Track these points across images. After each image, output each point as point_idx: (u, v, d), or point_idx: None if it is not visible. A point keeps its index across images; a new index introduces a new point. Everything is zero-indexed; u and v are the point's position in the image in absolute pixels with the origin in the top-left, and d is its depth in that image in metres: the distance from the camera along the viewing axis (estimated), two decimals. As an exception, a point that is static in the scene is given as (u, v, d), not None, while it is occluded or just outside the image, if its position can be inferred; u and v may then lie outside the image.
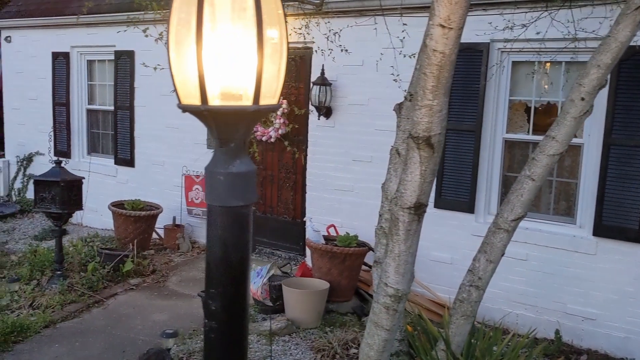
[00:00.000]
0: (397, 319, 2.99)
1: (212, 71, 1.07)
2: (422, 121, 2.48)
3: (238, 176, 1.15)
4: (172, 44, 1.09)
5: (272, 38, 1.08)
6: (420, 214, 2.70)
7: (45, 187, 6.09)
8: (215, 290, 1.19)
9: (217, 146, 1.17)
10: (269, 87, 1.11)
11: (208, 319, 1.21)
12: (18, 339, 5.08)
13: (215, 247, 1.20)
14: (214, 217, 1.19)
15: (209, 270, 1.22)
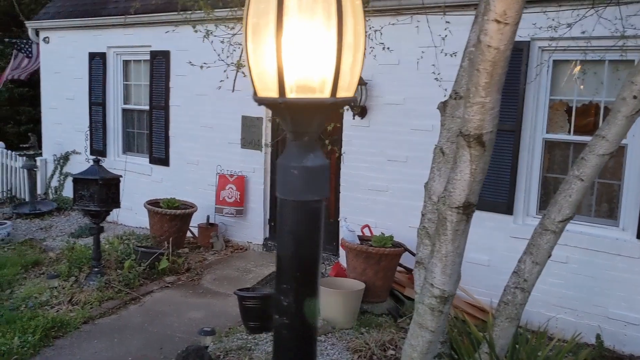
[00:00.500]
0: (443, 320, 2.94)
1: (290, 63, 1.05)
2: (473, 119, 2.43)
3: (312, 170, 1.13)
4: (249, 35, 1.07)
5: (352, 29, 1.05)
6: (469, 214, 2.66)
7: (84, 185, 6.18)
8: (287, 286, 1.18)
9: (290, 139, 1.15)
10: (347, 79, 1.09)
11: (279, 315, 1.20)
12: (58, 334, 5.17)
13: (287, 242, 1.18)
14: (286, 211, 1.17)
15: (280, 265, 1.20)
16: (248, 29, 1.05)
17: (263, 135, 7.69)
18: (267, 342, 4.99)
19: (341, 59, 1.05)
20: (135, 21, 8.74)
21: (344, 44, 1.04)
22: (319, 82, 1.07)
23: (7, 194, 10.61)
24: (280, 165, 1.15)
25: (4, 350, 4.65)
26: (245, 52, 1.07)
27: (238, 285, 6.59)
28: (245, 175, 7.88)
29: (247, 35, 1.07)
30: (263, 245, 7.91)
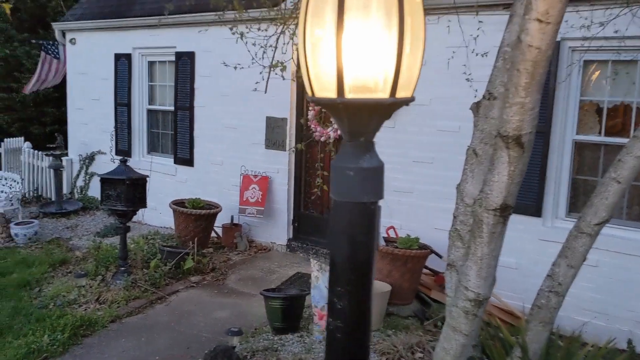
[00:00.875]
0: (477, 324, 2.91)
1: (350, 62, 1.03)
2: (512, 119, 2.39)
3: (369, 171, 1.11)
4: (307, 34, 1.06)
5: (412, 27, 1.04)
6: (505, 216, 2.62)
7: (111, 185, 6.23)
8: (341, 289, 1.16)
9: (346, 140, 1.13)
10: (407, 78, 1.07)
11: (333, 318, 1.18)
12: (87, 332, 5.21)
13: (341, 244, 1.16)
14: (341, 213, 1.15)
15: (334, 268, 1.18)
16: (306, 29, 1.04)
17: (287, 136, 7.69)
18: (293, 343, 4.98)
19: (401, 58, 1.03)
20: (160, 22, 8.80)
21: (405, 42, 1.03)
22: (378, 81, 1.06)
23: (33, 194, 10.77)
24: (335, 166, 1.14)
25: (34, 347, 4.70)
26: (302, 52, 1.05)
27: (262, 286, 6.59)
28: (269, 176, 7.88)
29: (304, 35, 1.05)
30: (287, 246, 7.91)
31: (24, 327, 5.22)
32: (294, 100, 7.64)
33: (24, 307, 5.70)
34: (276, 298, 5.22)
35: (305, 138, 7.64)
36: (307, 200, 7.82)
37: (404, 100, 1.09)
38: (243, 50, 7.90)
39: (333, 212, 1.18)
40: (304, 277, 6.84)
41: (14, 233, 8.32)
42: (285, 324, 5.17)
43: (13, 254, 7.70)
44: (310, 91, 1.11)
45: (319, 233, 7.68)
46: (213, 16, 8.02)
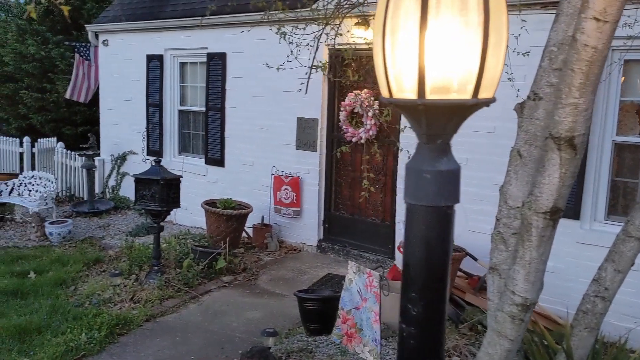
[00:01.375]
0: (523, 329, 2.85)
1: (433, 62, 1.01)
2: (565, 120, 2.33)
3: (446, 174, 1.08)
4: (387, 34, 1.03)
5: (496, 26, 1.00)
6: (556, 219, 2.55)
7: (146, 185, 6.29)
8: (416, 294, 1.13)
9: (422, 142, 1.11)
10: (489, 79, 1.04)
11: (406, 324, 1.15)
12: (122, 331, 5.26)
13: (416, 249, 1.14)
14: (416, 216, 1.13)
15: (409, 273, 1.16)
16: (386, 28, 1.01)
17: (318, 137, 7.68)
18: (327, 345, 4.96)
19: (485, 57, 1.00)
20: (192, 24, 8.87)
21: (490, 42, 0.99)
22: (461, 82, 1.03)
23: (66, 193, 10.94)
24: (411, 169, 1.11)
25: (72, 346, 4.76)
26: (380, 52, 1.03)
27: (294, 286, 6.59)
28: (300, 177, 7.88)
29: (383, 34, 1.03)
30: (317, 247, 7.90)
31: (62, 325, 5.29)
32: (326, 101, 7.62)
33: (61, 305, 5.78)
34: (311, 299, 5.21)
35: (336, 139, 7.62)
36: (338, 201, 7.80)
37: (485, 101, 1.06)
38: (275, 51, 7.91)
39: (408, 215, 1.16)
40: (335, 279, 6.82)
41: (48, 232, 8.46)
42: (320, 326, 5.15)
43: (48, 252, 7.83)
44: (387, 92, 1.09)
45: (349, 234, 7.65)
46: (247, 17, 8.08)
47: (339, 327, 4.50)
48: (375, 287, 4.04)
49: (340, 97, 7.52)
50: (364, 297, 4.37)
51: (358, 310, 4.36)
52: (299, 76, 7.68)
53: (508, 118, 6.08)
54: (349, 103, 7.21)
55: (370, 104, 7.01)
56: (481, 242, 6.24)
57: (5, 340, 5.00)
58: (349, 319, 4.48)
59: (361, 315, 4.37)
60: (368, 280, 4.10)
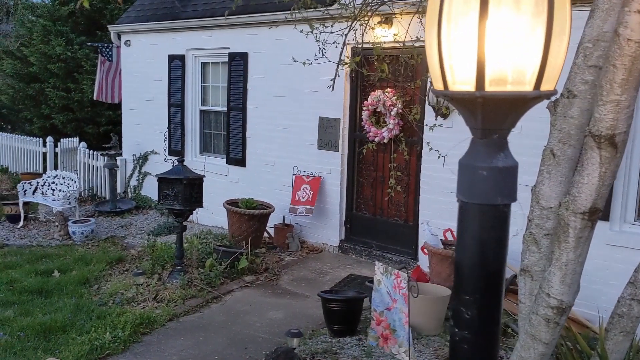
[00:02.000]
0: (558, 332, 2.77)
1: (493, 52, 0.96)
2: (605, 118, 2.26)
3: (504, 171, 1.03)
4: (444, 23, 0.98)
5: (561, 15, 0.95)
6: (594, 220, 2.48)
7: (169, 184, 6.29)
8: (469, 297, 1.08)
9: (477, 137, 1.06)
10: (552, 70, 0.99)
11: (459, 328, 1.10)
12: (146, 330, 5.26)
13: (470, 250, 1.09)
14: (470, 215, 1.08)
15: (461, 275, 1.11)
16: (442, 16, 0.97)
17: (340, 137, 7.63)
18: (352, 347, 4.91)
19: (549, 47, 0.95)
20: (213, 24, 8.89)
21: (554, 31, 0.94)
22: (522, 73, 0.97)
23: (88, 192, 11.03)
24: (464, 165, 1.06)
25: (97, 345, 4.77)
26: (436, 43, 0.98)
27: (315, 287, 6.55)
28: (322, 177, 7.84)
29: (440, 24, 0.98)
30: (338, 247, 7.85)
31: (86, 323, 5.31)
32: (347, 100, 7.57)
33: (85, 304, 5.81)
34: (335, 300, 5.16)
35: (359, 139, 7.57)
36: (360, 201, 7.74)
37: (547, 94, 1.01)
38: (297, 50, 7.89)
39: (461, 214, 1.11)
40: (357, 279, 6.77)
41: (71, 231, 8.53)
42: (344, 327, 5.11)
43: (71, 251, 7.89)
44: (441, 85, 1.04)
45: (371, 234, 7.58)
46: (268, 16, 8.07)
47: (374, 329, 4.45)
48: (403, 289, 3.98)
49: (362, 96, 7.46)
50: (393, 298, 4.33)
51: (389, 311, 4.31)
52: (320, 76, 7.66)
53: (534, 117, 5.96)
54: (372, 102, 7.15)
55: (394, 103, 6.94)
56: (506, 244, 6.15)
57: (31, 338, 5.04)
58: (382, 320, 4.43)
59: (393, 316, 4.32)
60: (396, 282, 4.05)
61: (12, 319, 5.39)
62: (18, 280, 6.51)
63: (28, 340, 4.99)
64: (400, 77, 7.04)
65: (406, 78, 6.98)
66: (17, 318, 5.44)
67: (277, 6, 7.96)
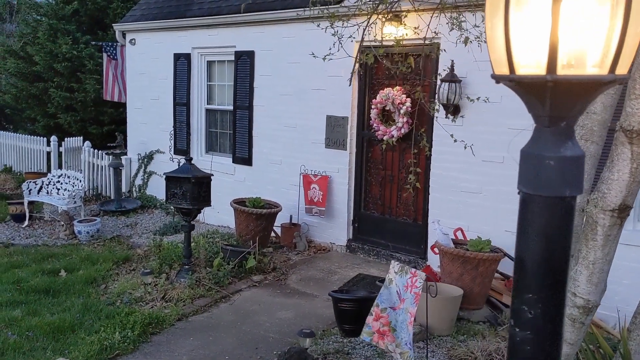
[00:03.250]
0: (583, 333, 2.71)
1: (567, 33, 0.90)
2: (638, 112, 2.21)
3: (572, 161, 0.97)
4: (512, 2, 0.93)
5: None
6: (623, 217, 2.43)
7: (177, 183, 6.24)
8: (532, 296, 1.02)
9: (543, 125, 1.00)
10: (629, 53, 0.93)
11: (520, 328, 1.04)
12: (155, 330, 5.21)
13: (535, 245, 1.03)
14: (535, 208, 1.02)
15: (524, 271, 1.05)
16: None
17: (348, 135, 7.58)
18: (364, 347, 4.86)
19: (627, 29, 0.89)
20: (219, 22, 8.84)
21: (632, 9, 0.88)
22: (598, 56, 0.92)
23: (93, 192, 10.97)
24: (528, 155, 1.00)
25: (106, 344, 4.72)
26: (502, 24, 0.92)
27: (324, 286, 6.50)
28: (329, 176, 7.78)
29: (507, 3, 0.92)
30: (346, 247, 7.79)
31: (95, 323, 5.26)
32: (356, 99, 7.52)
33: (93, 303, 5.76)
34: (346, 300, 5.11)
35: (367, 137, 7.51)
36: (368, 200, 7.68)
37: (622, 78, 0.95)
38: (305, 48, 7.84)
39: (522, 206, 1.05)
40: (366, 279, 6.71)
41: (77, 230, 8.48)
42: (355, 327, 5.03)
43: (77, 250, 7.84)
44: (507, 69, 0.98)
45: (379, 234, 7.53)
46: (275, 14, 8.02)
47: (370, 325, 4.39)
48: (417, 288, 3.92)
49: (371, 94, 7.40)
50: (402, 297, 4.26)
51: (394, 310, 4.24)
52: (328, 74, 7.62)
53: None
54: (381, 100, 7.09)
55: (402, 101, 6.88)
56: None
57: (40, 338, 4.98)
58: (382, 317, 4.37)
59: (397, 317, 4.26)
60: (410, 281, 3.99)
61: (20, 319, 5.34)
62: (25, 280, 6.46)
63: (37, 340, 4.94)
64: (409, 76, 6.98)
65: (415, 76, 6.92)
66: (25, 318, 5.39)
67: (284, 4, 7.92)
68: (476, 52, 5.92)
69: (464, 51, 5.88)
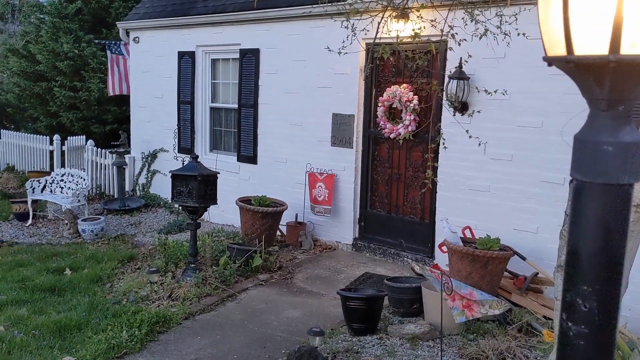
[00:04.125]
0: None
1: (632, 10, 0.85)
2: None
3: (631, 147, 0.93)
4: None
5: None
6: (647, 213, 2.38)
7: (183, 181, 6.20)
8: (588, 288, 0.98)
9: (600, 109, 0.95)
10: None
11: (574, 323, 1.00)
12: (162, 329, 5.16)
13: (590, 235, 0.98)
14: (590, 196, 0.97)
15: (578, 262, 1.00)
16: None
17: (354, 133, 7.53)
18: (373, 345, 4.81)
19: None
20: (224, 20, 8.79)
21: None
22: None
23: (96, 191, 10.94)
24: (583, 141, 0.96)
25: (114, 343, 4.67)
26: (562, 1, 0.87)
27: (330, 285, 6.46)
28: (335, 174, 7.73)
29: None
30: (352, 245, 7.74)
31: (101, 322, 5.22)
32: (362, 97, 7.47)
33: (99, 302, 5.72)
34: (355, 298, 5.06)
35: (373, 135, 7.47)
36: (374, 198, 7.64)
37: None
38: (310, 46, 7.80)
39: (576, 195, 1.00)
40: (373, 277, 6.67)
41: (81, 229, 8.45)
42: (364, 325, 5.01)
43: (82, 249, 7.81)
44: (564, 49, 0.93)
45: (385, 232, 7.48)
46: (279, 12, 7.98)
47: (455, 308, 4.53)
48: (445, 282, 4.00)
49: (377, 92, 7.36)
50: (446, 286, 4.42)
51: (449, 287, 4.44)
52: (334, 72, 7.58)
53: (556, 113, 5.89)
54: (387, 98, 7.05)
55: (410, 99, 6.84)
56: (527, 241, 6.05)
57: (46, 337, 4.94)
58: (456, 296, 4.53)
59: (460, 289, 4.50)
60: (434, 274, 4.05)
61: (26, 318, 5.30)
62: (30, 279, 6.42)
63: (43, 339, 4.90)
64: (415, 73, 6.94)
65: (422, 73, 6.87)
66: (31, 316, 5.35)
67: (290, 1, 7.87)
68: (484, 49, 5.86)
69: (472, 49, 5.84)
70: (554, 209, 5.79)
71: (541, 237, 5.96)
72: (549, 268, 5.58)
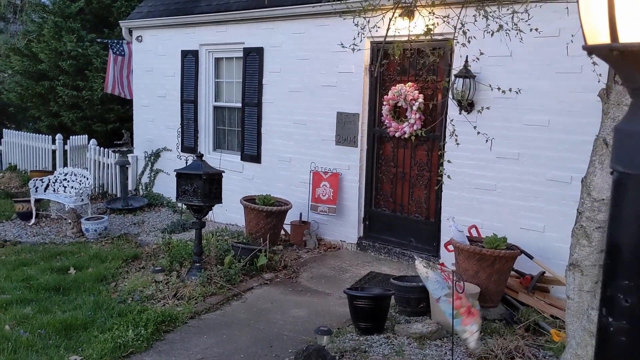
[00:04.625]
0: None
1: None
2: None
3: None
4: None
5: None
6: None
7: (188, 180, 6.17)
8: (630, 282, 0.95)
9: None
10: None
11: (614, 318, 0.97)
12: (168, 328, 5.14)
13: (632, 228, 0.96)
14: (634, 189, 0.94)
15: (618, 256, 0.98)
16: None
17: (359, 132, 7.50)
18: (381, 345, 4.79)
19: None
20: (227, 18, 8.77)
21: None
22: None
23: (99, 190, 10.91)
24: (627, 132, 0.93)
25: (120, 342, 4.65)
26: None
27: (335, 284, 6.43)
28: (340, 173, 7.71)
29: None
30: (357, 245, 7.72)
31: (107, 321, 5.19)
32: (367, 95, 7.44)
33: (104, 301, 5.69)
34: (362, 297, 5.04)
35: (378, 134, 7.44)
36: (379, 197, 7.61)
37: None
38: (314, 45, 7.78)
39: (619, 187, 0.98)
40: (378, 277, 6.64)
41: (84, 228, 8.42)
42: (371, 324, 4.98)
43: (85, 248, 7.78)
44: (608, 37, 0.91)
45: (390, 231, 7.45)
46: (282, 10, 7.95)
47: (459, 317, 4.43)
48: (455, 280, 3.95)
49: (382, 91, 7.33)
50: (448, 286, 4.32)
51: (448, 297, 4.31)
52: (339, 70, 7.56)
53: (563, 111, 5.87)
54: (392, 97, 7.02)
55: (415, 97, 6.81)
56: (533, 240, 6.02)
57: (52, 336, 4.91)
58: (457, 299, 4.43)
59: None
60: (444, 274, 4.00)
61: (32, 317, 5.27)
62: (34, 278, 6.40)
63: (49, 338, 4.87)
64: (421, 71, 6.91)
65: (428, 71, 6.84)
66: (36, 315, 5.32)
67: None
68: (489, 47, 5.83)
69: (480, 47, 5.80)
70: (561, 208, 5.77)
71: (548, 236, 5.93)
72: (556, 267, 5.55)
